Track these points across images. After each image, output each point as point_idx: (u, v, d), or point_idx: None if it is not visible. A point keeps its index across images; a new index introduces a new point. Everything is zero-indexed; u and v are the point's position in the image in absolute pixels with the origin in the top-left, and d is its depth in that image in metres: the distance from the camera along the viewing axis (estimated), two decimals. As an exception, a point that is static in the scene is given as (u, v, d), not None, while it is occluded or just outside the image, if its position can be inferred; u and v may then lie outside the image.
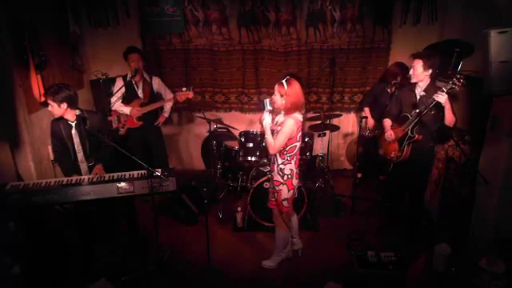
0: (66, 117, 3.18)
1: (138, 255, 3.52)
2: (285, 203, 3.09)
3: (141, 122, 4.30)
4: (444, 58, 3.89)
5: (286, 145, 2.93)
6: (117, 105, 4.27)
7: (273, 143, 2.91)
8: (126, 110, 4.26)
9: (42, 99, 3.79)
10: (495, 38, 2.55)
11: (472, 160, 3.41)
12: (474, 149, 3.50)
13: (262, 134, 4.09)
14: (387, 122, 3.62)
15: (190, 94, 4.20)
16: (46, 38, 3.97)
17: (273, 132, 3.01)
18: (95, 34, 4.89)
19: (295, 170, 3.05)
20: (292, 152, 2.97)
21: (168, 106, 4.50)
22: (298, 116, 2.96)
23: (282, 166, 3.01)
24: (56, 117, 3.18)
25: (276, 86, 2.93)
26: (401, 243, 3.61)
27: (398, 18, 4.79)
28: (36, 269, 3.13)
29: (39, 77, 3.74)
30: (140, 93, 4.29)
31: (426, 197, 3.98)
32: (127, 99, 4.29)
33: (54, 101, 3.07)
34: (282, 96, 2.89)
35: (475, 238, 3.44)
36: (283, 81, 2.90)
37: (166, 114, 4.56)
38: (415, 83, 3.32)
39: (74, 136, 3.23)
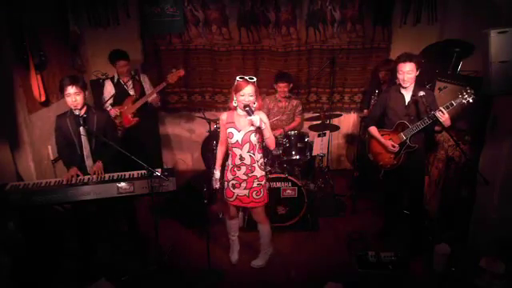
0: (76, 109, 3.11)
1: (137, 255, 3.51)
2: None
3: (137, 119, 4.30)
4: (444, 57, 3.89)
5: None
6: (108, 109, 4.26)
7: (273, 138, 3.05)
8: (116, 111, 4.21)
9: (42, 99, 3.79)
10: (495, 38, 2.55)
11: (472, 160, 3.41)
12: (473, 149, 3.50)
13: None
14: (375, 131, 3.44)
15: (182, 72, 4.19)
16: (46, 38, 3.97)
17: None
18: (95, 33, 4.88)
19: None
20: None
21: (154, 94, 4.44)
22: None
23: (261, 160, 3.14)
24: (78, 107, 3.08)
25: (252, 88, 2.88)
26: (401, 243, 3.60)
27: (398, 18, 4.79)
28: (36, 269, 3.14)
29: (39, 77, 3.73)
30: (131, 91, 4.33)
31: (426, 197, 3.97)
32: (119, 100, 4.29)
33: (81, 88, 3.04)
34: (256, 96, 2.93)
35: (475, 237, 3.44)
36: (253, 81, 2.91)
37: (156, 95, 4.42)
38: (399, 84, 3.25)
39: (81, 131, 3.17)
